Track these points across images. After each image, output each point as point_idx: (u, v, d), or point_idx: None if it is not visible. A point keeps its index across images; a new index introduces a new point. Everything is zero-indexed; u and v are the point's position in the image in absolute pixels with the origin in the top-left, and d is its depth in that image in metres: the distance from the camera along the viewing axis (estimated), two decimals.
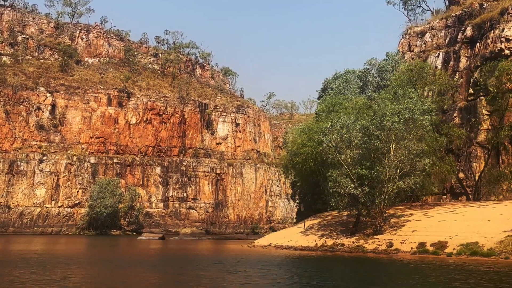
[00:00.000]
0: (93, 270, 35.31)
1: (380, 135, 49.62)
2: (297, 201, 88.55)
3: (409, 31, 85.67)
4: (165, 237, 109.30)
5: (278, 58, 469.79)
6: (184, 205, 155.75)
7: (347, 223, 57.77)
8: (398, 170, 49.57)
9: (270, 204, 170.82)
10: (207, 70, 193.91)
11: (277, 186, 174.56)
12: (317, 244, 53.95)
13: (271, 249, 58.97)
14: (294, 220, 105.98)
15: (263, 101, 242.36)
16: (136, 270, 34.87)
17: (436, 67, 66.70)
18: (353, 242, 50.81)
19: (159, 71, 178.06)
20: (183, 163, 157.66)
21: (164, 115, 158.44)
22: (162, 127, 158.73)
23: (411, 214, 54.23)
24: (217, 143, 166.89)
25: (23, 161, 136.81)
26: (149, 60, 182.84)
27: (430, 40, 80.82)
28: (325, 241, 53.77)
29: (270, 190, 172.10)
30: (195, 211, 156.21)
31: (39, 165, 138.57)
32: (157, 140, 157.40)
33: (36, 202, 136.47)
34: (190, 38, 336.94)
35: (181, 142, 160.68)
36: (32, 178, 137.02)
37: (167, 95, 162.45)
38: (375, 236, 50.22)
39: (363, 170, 49.77)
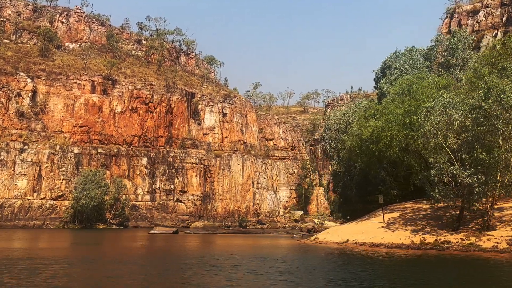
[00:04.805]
0: None
1: (500, 114, 44.09)
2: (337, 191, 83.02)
3: (457, 10, 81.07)
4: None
5: (265, 49, 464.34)
6: (172, 198, 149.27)
7: (437, 216, 52.81)
8: None
9: (258, 197, 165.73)
10: (192, 58, 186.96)
11: (264, 178, 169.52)
12: (413, 241, 48.95)
13: (350, 245, 53.73)
14: (339, 215, 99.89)
15: (248, 91, 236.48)
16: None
17: (494, 47, 62.15)
18: (462, 240, 46.03)
19: (143, 58, 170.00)
20: (170, 154, 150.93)
21: (150, 104, 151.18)
22: (148, 116, 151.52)
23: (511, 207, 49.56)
24: (204, 134, 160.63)
25: (3, 150, 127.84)
26: (132, 46, 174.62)
27: (484, 19, 76.64)
28: (423, 237, 48.83)
29: (257, 183, 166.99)
30: (182, 203, 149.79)
31: (20, 155, 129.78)
32: (143, 130, 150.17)
33: (17, 194, 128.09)
34: (172, 25, 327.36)
35: (168, 132, 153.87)
36: (12, 169, 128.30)
37: (153, 83, 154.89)
38: (487, 232, 45.28)
39: (481, 154, 44.04)
